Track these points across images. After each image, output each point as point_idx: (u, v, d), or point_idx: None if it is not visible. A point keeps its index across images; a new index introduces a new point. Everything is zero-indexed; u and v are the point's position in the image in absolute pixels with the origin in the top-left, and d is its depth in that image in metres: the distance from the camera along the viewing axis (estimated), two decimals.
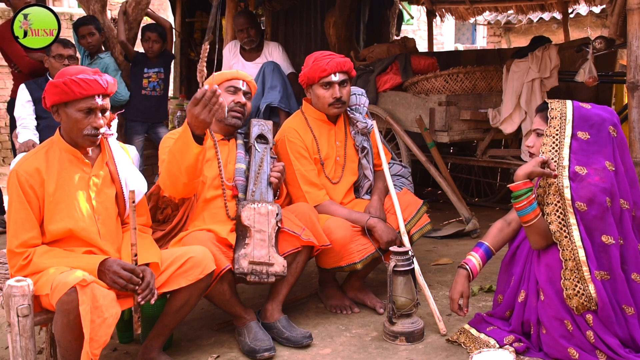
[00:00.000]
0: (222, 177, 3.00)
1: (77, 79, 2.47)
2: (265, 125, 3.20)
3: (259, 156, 3.08)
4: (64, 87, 2.47)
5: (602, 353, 2.43)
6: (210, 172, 3.01)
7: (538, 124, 2.68)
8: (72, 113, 2.50)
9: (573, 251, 2.44)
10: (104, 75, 2.56)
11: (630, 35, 3.40)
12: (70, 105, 2.50)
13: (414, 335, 2.87)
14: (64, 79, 2.48)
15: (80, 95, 2.48)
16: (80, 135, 2.53)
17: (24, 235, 2.45)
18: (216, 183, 3.01)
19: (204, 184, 2.98)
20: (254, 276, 2.79)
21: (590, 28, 9.91)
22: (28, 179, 2.46)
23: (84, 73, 2.51)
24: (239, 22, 5.13)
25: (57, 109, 2.54)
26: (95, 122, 2.52)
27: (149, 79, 5.25)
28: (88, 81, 2.48)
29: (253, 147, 3.10)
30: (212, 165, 3.02)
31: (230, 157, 3.08)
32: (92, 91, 2.49)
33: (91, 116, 2.52)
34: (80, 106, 2.50)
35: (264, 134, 3.16)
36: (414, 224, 3.31)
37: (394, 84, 5.13)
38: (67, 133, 2.56)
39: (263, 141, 3.15)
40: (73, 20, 5.58)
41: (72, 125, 2.52)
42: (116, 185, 2.66)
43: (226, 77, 3.09)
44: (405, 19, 8.50)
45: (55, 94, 2.49)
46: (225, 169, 3.04)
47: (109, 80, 2.56)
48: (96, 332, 2.24)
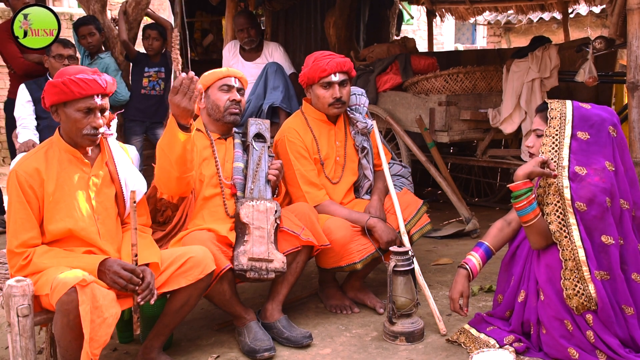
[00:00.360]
0: (220, 175, 3.01)
1: (76, 79, 2.47)
2: (263, 124, 3.20)
3: (257, 154, 3.08)
4: (63, 87, 2.47)
5: (602, 353, 2.43)
6: (208, 171, 3.01)
7: (538, 124, 2.67)
8: (71, 113, 2.50)
9: (573, 251, 2.44)
10: (103, 75, 2.55)
11: (630, 35, 3.40)
12: (69, 105, 2.50)
13: (414, 335, 2.87)
14: (63, 79, 2.47)
15: (80, 95, 2.48)
16: (80, 135, 2.53)
17: (24, 236, 2.45)
18: (214, 181, 3.01)
19: (202, 182, 2.98)
20: (253, 272, 2.79)
21: (590, 28, 9.91)
22: (28, 179, 2.46)
23: (83, 73, 2.51)
24: (239, 22, 5.13)
25: (57, 108, 2.54)
26: (95, 121, 2.52)
27: (149, 77, 5.25)
28: (87, 81, 2.48)
29: (251, 146, 3.10)
30: (210, 163, 3.03)
31: (228, 156, 3.09)
32: (91, 91, 2.49)
33: (90, 116, 2.51)
34: (80, 106, 2.49)
35: (261, 132, 3.16)
36: (414, 224, 3.31)
37: (394, 84, 5.13)
38: (66, 133, 2.56)
39: (261, 140, 3.15)
40: (73, 20, 5.57)
41: (71, 125, 2.52)
42: (116, 185, 2.66)
43: (217, 77, 3.10)
44: (405, 19, 8.51)
45: (54, 94, 2.49)
46: (223, 167, 3.05)
47: (108, 80, 2.56)
48: (96, 332, 2.24)
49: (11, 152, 4.88)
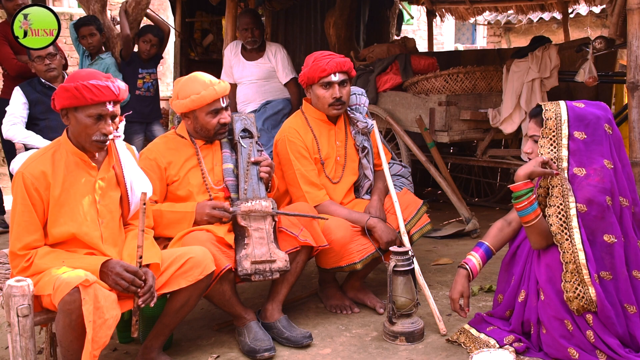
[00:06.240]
0: (207, 185, 3.00)
1: (89, 85, 2.43)
2: (248, 119, 3.15)
3: (246, 152, 3.05)
4: (75, 92, 2.42)
5: (602, 353, 2.43)
6: (196, 180, 3.00)
7: (533, 130, 2.66)
8: (82, 118, 2.47)
9: (574, 254, 2.43)
10: (116, 82, 2.51)
11: (630, 35, 3.40)
12: (80, 110, 2.47)
13: (414, 335, 2.87)
14: (76, 84, 2.43)
15: (91, 102, 2.44)
16: (89, 141, 2.50)
17: (27, 238, 2.44)
18: (203, 189, 3.00)
19: (192, 192, 2.98)
20: (258, 275, 2.79)
21: (590, 28, 9.92)
22: (34, 182, 2.44)
23: (96, 79, 2.46)
24: (243, 21, 5.12)
25: (67, 112, 2.50)
26: (105, 128, 2.49)
27: (143, 79, 5.25)
28: (100, 87, 2.44)
29: (239, 144, 3.07)
30: (197, 173, 3.01)
31: (216, 159, 3.06)
32: (104, 97, 2.45)
33: (101, 122, 2.48)
34: (91, 112, 2.46)
35: (247, 127, 3.11)
36: (414, 224, 3.31)
37: (394, 84, 5.13)
38: (75, 137, 2.53)
39: (248, 135, 3.12)
40: (73, 20, 5.57)
41: (81, 130, 2.49)
42: (121, 188, 2.65)
43: (206, 101, 2.92)
44: (405, 19, 8.50)
45: (66, 98, 2.45)
46: (213, 172, 3.03)
47: (121, 86, 2.52)
48: (96, 333, 2.24)
49: (6, 152, 4.87)
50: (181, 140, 3.06)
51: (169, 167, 2.98)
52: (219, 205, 2.88)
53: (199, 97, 2.91)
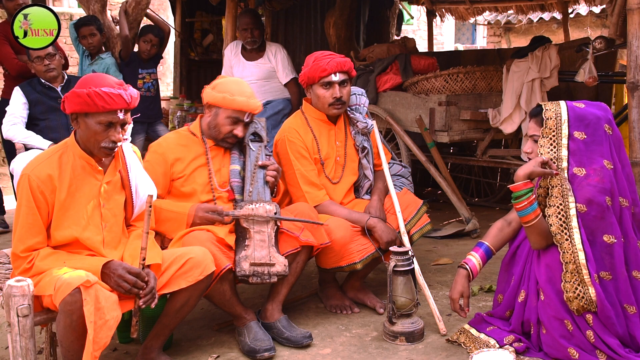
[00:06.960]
0: (212, 185, 3.01)
1: (101, 92, 2.40)
2: (259, 123, 3.15)
3: (254, 155, 3.06)
4: (87, 99, 2.40)
5: (602, 353, 2.43)
6: (201, 179, 3.01)
7: (533, 129, 2.66)
8: (92, 125, 2.45)
9: (573, 254, 2.43)
10: (128, 89, 2.49)
11: (630, 35, 3.40)
12: (90, 116, 2.45)
13: (414, 335, 2.87)
14: (88, 91, 2.40)
15: (103, 109, 2.42)
16: (97, 147, 2.48)
17: (30, 241, 2.44)
18: (208, 189, 3.01)
19: (196, 190, 2.98)
20: (256, 277, 2.79)
21: (590, 28, 9.92)
22: (40, 185, 2.43)
23: (108, 86, 2.44)
24: (244, 21, 5.12)
25: (77, 117, 2.48)
26: (115, 135, 2.48)
27: (143, 79, 5.25)
28: (112, 95, 2.42)
29: (247, 147, 3.07)
30: (203, 172, 3.02)
31: (225, 161, 3.07)
32: (115, 106, 2.43)
33: (111, 129, 2.47)
34: (101, 119, 2.44)
35: (257, 132, 3.12)
36: (414, 224, 3.31)
37: (394, 84, 5.13)
38: (83, 141, 2.51)
39: (257, 139, 3.13)
40: (73, 20, 5.57)
41: (90, 135, 2.47)
42: (126, 191, 2.65)
43: (233, 106, 2.96)
44: (405, 19, 8.51)
45: (77, 103, 2.43)
46: (219, 173, 3.04)
47: (133, 94, 2.50)
48: (97, 333, 2.23)
49: (6, 152, 4.87)
50: (192, 138, 3.07)
51: (175, 163, 3.00)
52: (213, 209, 2.89)
53: (231, 99, 2.96)
